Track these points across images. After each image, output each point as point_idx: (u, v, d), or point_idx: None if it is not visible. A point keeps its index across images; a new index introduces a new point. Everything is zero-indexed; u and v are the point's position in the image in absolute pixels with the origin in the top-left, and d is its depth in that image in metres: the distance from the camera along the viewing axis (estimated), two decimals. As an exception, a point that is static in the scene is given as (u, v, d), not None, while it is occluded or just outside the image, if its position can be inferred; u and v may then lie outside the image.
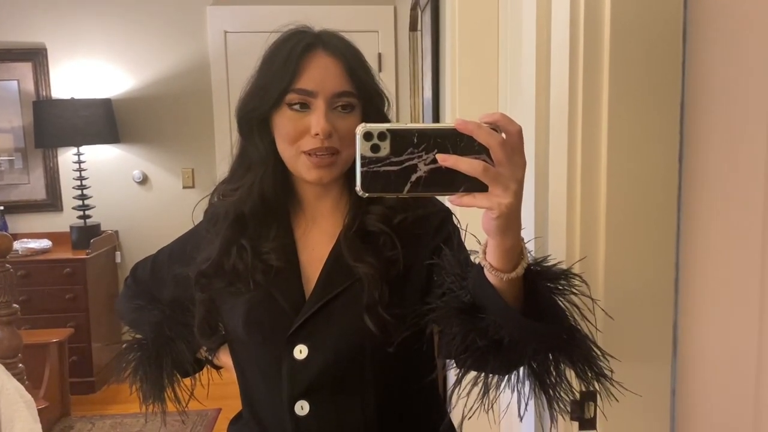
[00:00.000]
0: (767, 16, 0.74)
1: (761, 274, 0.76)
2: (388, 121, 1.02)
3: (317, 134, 0.94)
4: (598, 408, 0.98)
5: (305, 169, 0.97)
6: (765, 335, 0.76)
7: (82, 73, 3.91)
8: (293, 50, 0.95)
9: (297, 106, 0.95)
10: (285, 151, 0.98)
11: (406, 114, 3.81)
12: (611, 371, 0.83)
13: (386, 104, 1.04)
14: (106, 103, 3.79)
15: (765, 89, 0.74)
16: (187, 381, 1.14)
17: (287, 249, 1.03)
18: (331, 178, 0.98)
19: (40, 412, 2.31)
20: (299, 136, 0.96)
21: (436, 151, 0.68)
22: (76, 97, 3.77)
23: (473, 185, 0.69)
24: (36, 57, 3.88)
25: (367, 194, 0.70)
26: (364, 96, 0.98)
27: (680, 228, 0.97)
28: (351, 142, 0.95)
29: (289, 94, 0.95)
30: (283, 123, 0.96)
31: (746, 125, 0.79)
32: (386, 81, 3.93)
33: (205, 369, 1.17)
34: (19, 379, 2.40)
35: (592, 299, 0.83)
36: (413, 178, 0.69)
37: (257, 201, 1.01)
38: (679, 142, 0.96)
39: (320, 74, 0.95)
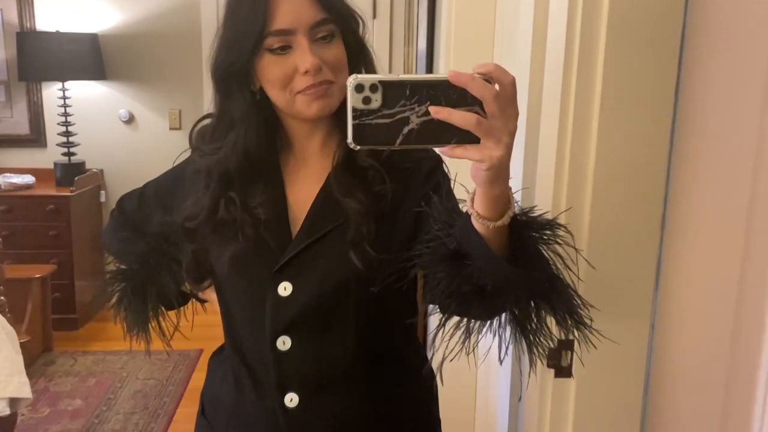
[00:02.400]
0: (765, 12, 0.74)
1: (745, 227, 0.77)
2: (364, 44, 1.00)
3: (307, 72, 0.91)
4: (575, 355, 1.01)
5: (304, 106, 0.95)
6: (745, 288, 0.78)
7: (68, 6, 3.81)
8: None
9: (278, 49, 0.92)
10: (278, 97, 0.96)
11: (399, 64, 3.76)
12: (591, 320, 0.85)
13: (361, 25, 1.00)
14: (92, 38, 3.71)
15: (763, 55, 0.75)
16: (172, 315, 1.15)
17: (276, 197, 1.02)
18: (333, 107, 0.96)
19: (22, 345, 2.33)
20: (289, 79, 0.93)
21: (428, 103, 0.67)
22: (62, 30, 3.67)
23: (465, 137, 0.68)
24: (20, -14, 3.77)
25: (359, 147, 0.69)
26: (339, 20, 0.95)
27: (669, 183, 0.98)
28: (341, 70, 0.95)
29: (267, 38, 0.91)
30: (269, 69, 0.94)
31: (742, 77, 0.79)
32: (380, 28, 3.88)
33: (190, 304, 1.18)
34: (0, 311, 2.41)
35: (576, 249, 0.85)
36: (405, 130, 0.68)
37: (242, 158, 0.99)
38: (674, 98, 0.96)
39: (292, 9, 0.91)
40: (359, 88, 0.68)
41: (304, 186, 1.04)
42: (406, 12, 3.44)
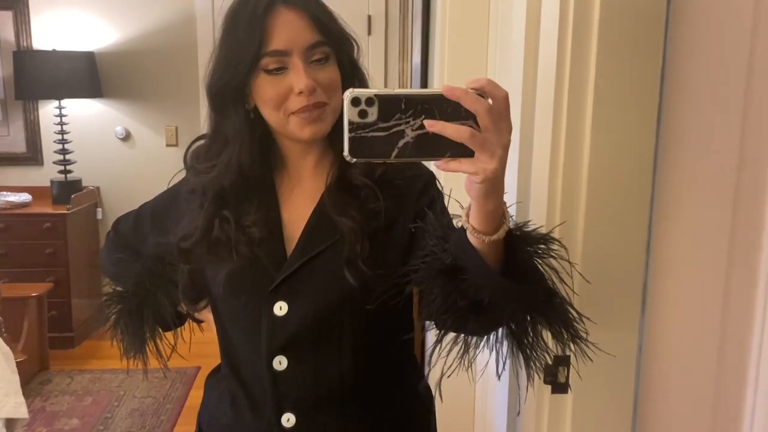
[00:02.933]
0: (744, 15, 0.75)
1: (729, 241, 0.78)
2: (359, 66, 1.02)
3: (301, 92, 0.92)
4: (571, 371, 1.01)
5: (297, 128, 0.96)
6: (730, 298, 0.78)
7: (65, 24, 3.83)
8: (254, 14, 0.92)
9: (274, 70, 0.94)
10: (272, 116, 0.97)
11: (394, 79, 3.78)
12: (586, 333, 0.85)
13: (356, 48, 1.02)
14: (88, 56, 3.72)
15: (740, 69, 0.75)
16: (169, 335, 1.15)
17: (270, 216, 1.02)
18: (326, 131, 0.97)
19: (18, 365, 2.32)
20: (283, 99, 0.94)
21: (423, 116, 0.68)
22: (58, 48, 3.69)
23: (459, 150, 0.69)
24: (17, 5, 3.79)
25: (354, 159, 0.70)
26: (334, 43, 0.97)
27: (654, 196, 0.99)
28: (335, 91, 0.96)
29: (263, 59, 0.93)
30: (264, 89, 0.95)
31: (723, 91, 0.80)
32: (375, 44, 3.91)
33: (186, 324, 1.17)
34: (-3, 332, 2.40)
35: (570, 263, 0.85)
36: (400, 143, 0.69)
37: (236, 176, 0.99)
38: (657, 115, 0.97)
39: (288, 31, 0.93)
40: (356, 101, 0.68)
41: (299, 205, 1.04)
42: (400, 28, 3.47)
